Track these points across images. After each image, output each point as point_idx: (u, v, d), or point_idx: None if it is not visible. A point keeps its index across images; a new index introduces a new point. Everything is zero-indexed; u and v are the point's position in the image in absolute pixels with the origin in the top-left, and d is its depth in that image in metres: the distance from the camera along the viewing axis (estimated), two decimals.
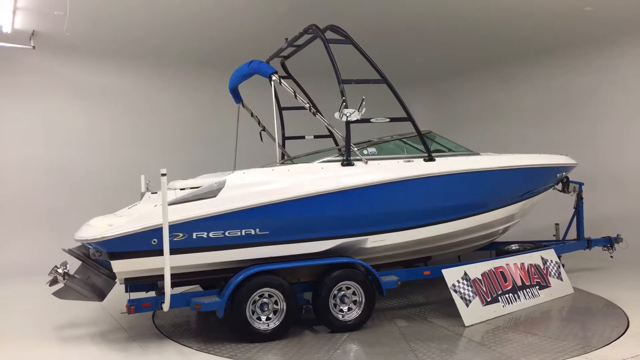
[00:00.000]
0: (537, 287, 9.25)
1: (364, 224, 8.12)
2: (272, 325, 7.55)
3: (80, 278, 8.14)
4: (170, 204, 7.08)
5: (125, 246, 6.98)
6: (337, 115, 7.95)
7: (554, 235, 11.53)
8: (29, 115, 13.00)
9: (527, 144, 14.09)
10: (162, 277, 7.09)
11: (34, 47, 11.93)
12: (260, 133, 10.48)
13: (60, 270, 8.02)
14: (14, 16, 10.91)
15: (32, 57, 12.57)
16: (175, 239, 7.04)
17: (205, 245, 7.28)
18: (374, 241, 8.20)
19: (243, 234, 7.40)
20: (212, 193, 7.37)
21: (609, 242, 11.25)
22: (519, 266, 9.23)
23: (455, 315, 8.33)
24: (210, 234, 7.25)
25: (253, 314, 7.48)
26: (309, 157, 9.90)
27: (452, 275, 8.50)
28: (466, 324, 8.03)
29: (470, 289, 8.46)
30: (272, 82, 8.23)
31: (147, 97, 14.24)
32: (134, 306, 7.32)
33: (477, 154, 9.44)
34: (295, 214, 7.62)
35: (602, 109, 13.47)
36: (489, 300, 8.51)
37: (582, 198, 11.33)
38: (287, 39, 9.48)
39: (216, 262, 7.52)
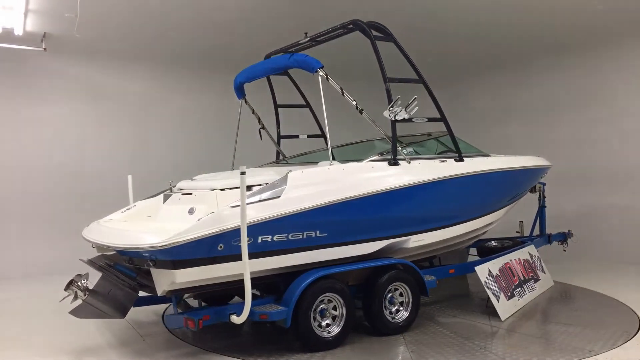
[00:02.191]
0: (533, 281, 9.22)
1: (410, 223, 7.64)
2: (334, 331, 6.80)
3: (101, 292, 6.80)
4: (233, 206, 6.12)
5: (192, 253, 5.88)
6: (386, 113, 7.33)
7: (518, 232, 11.35)
8: (40, 116, 12.22)
9: (528, 144, 13.52)
10: (211, 287, 6.35)
11: (45, 49, 11.21)
12: (259, 131, 9.66)
13: (80, 285, 6.67)
14: (26, 18, 10.25)
15: (43, 59, 11.77)
16: (239, 244, 5.97)
17: (270, 249, 6.35)
18: (415, 241, 7.70)
19: (304, 236, 6.54)
20: (275, 194, 6.47)
21: (564, 237, 11.25)
22: (518, 261, 9.16)
23: (475, 310, 8.30)
24: (275, 238, 6.31)
25: (314, 320, 6.68)
26: (305, 157, 9.53)
27: (482, 272, 8.25)
28: (502, 319, 7.77)
29: (495, 284, 8.25)
30: (320, 78, 7.33)
31: (158, 98, 13.50)
32: (202, 320, 6.26)
33: (488, 155, 9.13)
34: (354, 214, 6.92)
35: (616, 108, 12.57)
36: (509, 294, 8.34)
37: (545, 197, 11.21)
38: (306, 33, 8.56)
39: (278, 267, 6.57)
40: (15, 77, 11.97)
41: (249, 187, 6.74)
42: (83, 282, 6.71)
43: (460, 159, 8.34)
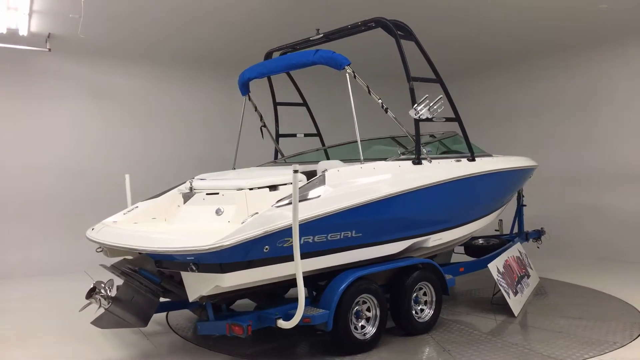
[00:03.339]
0: (526, 277, 9.20)
1: (433, 222, 7.48)
2: (370, 333, 6.49)
3: (124, 300, 6.22)
4: (278, 206, 5.77)
5: (240, 256, 5.44)
6: (412, 112, 7.08)
7: (497, 230, 11.18)
8: (45, 116, 11.79)
9: (528, 145, 13.44)
10: (249, 290, 6.08)
11: (49, 49, 10.82)
12: (261, 129, 9.26)
13: (104, 293, 6.11)
14: (30, 19, 9.88)
15: (48, 59, 11.39)
16: (285, 245, 5.61)
17: (310, 250, 5.94)
18: (434, 240, 7.53)
19: (342, 236, 6.18)
20: (316, 193, 6.06)
21: (538, 235, 11.24)
22: (514, 259, 9.12)
23: (480, 307, 8.23)
24: (316, 238, 5.93)
25: (351, 322, 6.33)
26: (301, 156, 9.34)
27: (493, 269, 8.18)
28: (515, 315, 7.76)
29: (504, 281, 8.19)
30: (347, 75, 6.95)
31: (163, 98, 13.11)
32: (250, 325, 5.85)
33: (491, 155, 8.98)
34: (387, 213, 6.66)
35: (621, 108, 12.21)
36: (514, 291, 8.30)
37: (523, 196, 11.15)
38: (318, 29, 8.23)
39: (316, 268, 6.22)
40: (20, 77, 11.55)
41: (274, 187, 6.55)
42: (107, 289, 6.15)
43: (472, 158, 8.22)
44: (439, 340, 6.86)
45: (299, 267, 5.43)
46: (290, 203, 5.69)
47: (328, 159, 8.97)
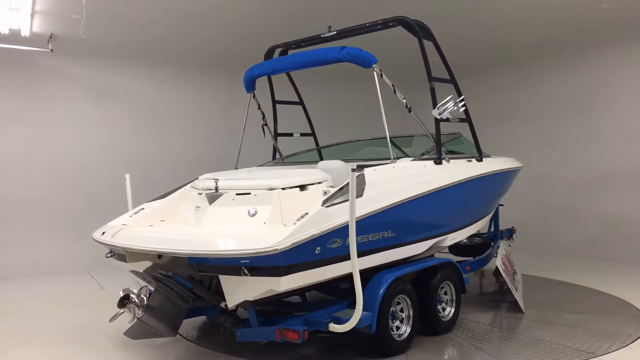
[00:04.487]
0: (516, 274, 9.13)
1: (452, 221, 7.36)
2: (405, 334, 6.27)
3: (156, 308, 5.73)
4: (328, 205, 5.47)
5: (296, 258, 5.09)
6: (435, 112, 6.93)
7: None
8: (47, 117, 11.35)
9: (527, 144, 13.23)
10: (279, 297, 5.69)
11: (51, 50, 10.36)
12: (262, 127, 8.89)
13: (138, 301, 5.61)
14: (32, 20, 9.42)
15: (50, 59, 10.91)
16: (333, 246, 5.33)
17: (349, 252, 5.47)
18: (450, 239, 7.42)
19: (379, 237, 5.88)
20: (359, 192, 5.61)
21: (510, 234, 10.98)
22: (505, 256, 9.11)
23: (484, 304, 8.25)
24: (359, 239, 5.38)
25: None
26: (297, 156, 9.11)
27: (500, 266, 8.22)
28: (524, 310, 7.79)
29: (508, 278, 8.23)
30: (375, 73, 6.66)
31: (165, 98, 12.70)
32: (306, 330, 5.50)
33: (489, 155, 8.83)
34: (418, 213, 6.49)
35: (623, 106, 11.79)
36: (515, 287, 8.29)
37: None
38: (330, 27, 7.89)
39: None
40: (22, 78, 11.12)
41: (303, 187, 6.13)
42: (142, 297, 5.65)
43: (480, 159, 8.16)
44: (465, 339, 6.76)
45: (356, 268, 5.14)
46: (341, 202, 5.51)
47: (322, 159, 8.68)
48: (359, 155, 8.58)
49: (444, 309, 7.12)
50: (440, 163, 7.15)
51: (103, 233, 6.14)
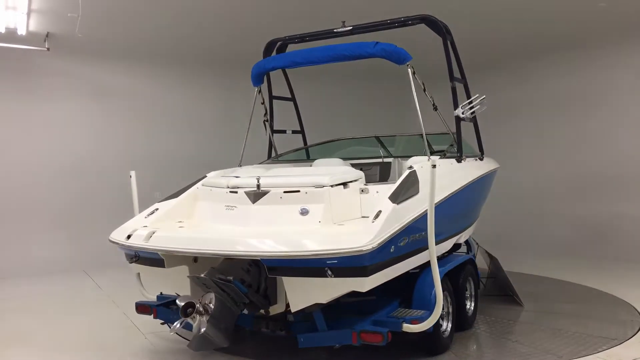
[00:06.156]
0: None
1: (469, 218, 7.45)
2: (447, 330, 6.15)
3: (216, 316, 5.14)
4: (399, 202, 5.26)
5: (376, 258, 4.87)
6: (458, 111, 6.90)
7: None
8: (43, 116, 11.17)
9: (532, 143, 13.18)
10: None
11: (48, 48, 10.18)
12: (264, 122, 8.61)
13: (203, 310, 5.05)
14: (29, 18, 9.23)
15: (46, 58, 10.71)
16: (401, 244, 5.16)
17: (410, 250, 5.43)
18: (464, 237, 7.50)
19: (424, 235, 5.35)
20: (414, 190, 5.52)
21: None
22: None
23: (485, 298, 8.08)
24: (410, 239, 5.35)
25: None
26: (289, 155, 8.93)
27: (486, 259, 8.20)
28: (524, 305, 7.86)
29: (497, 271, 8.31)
30: (409, 70, 6.51)
31: (161, 97, 12.49)
32: (389, 331, 5.19)
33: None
34: (453, 210, 6.48)
35: (619, 106, 11.58)
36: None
37: None
38: (344, 22, 7.60)
39: (406, 270, 5.65)
40: (18, 76, 10.97)
41: (345, 184, 5.92)
42: (208, 305, 5.10)
43: (482, 158, 8.19)
44: (494, 334, 6.82)
45: (435, 266, 5.10)
46: (406, 199, 5.39)
47: (309, 157, 8.58)
48: (347, 154, 8.41)
49: (466, 305, 7.14)
50: (461, 161, 7.16)
51: (129, 236, 5.74)
